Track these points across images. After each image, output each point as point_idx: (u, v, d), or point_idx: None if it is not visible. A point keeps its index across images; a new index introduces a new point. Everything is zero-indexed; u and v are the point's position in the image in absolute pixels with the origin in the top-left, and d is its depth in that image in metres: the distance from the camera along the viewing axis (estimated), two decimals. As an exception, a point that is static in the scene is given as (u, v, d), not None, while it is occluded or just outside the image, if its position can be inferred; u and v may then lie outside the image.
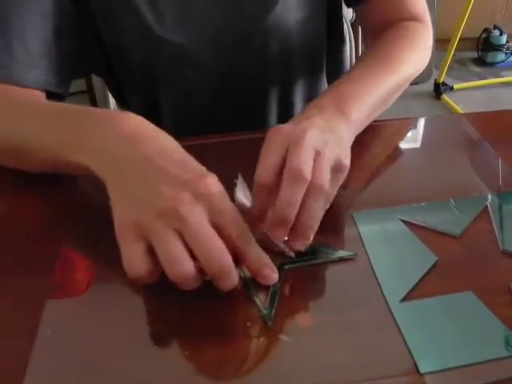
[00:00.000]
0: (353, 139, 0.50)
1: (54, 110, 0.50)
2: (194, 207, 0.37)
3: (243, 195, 0.46)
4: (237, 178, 0.51)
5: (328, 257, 0.44)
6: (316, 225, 0.41)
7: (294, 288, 0.41)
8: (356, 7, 0.72)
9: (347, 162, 0.44)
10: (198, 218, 0.37)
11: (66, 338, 0.38)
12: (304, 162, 0.41)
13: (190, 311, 0.39)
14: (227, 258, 0.37)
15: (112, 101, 1.59)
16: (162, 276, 0.37)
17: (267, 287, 0.41)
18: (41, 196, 0.52)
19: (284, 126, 0.44)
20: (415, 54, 0.62)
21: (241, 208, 0.42)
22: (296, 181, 0.40)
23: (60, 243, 0.46)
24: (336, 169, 0.43)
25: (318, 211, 0.41)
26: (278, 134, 0.43)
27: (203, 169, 0.40)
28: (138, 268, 0.37)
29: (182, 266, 0.36)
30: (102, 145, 0.42)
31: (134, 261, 0.37)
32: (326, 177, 0.41)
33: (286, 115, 0.73)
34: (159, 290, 0.38)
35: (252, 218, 0.42)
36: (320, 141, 0.43)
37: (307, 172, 0.40)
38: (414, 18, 0.66)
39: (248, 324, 0.39)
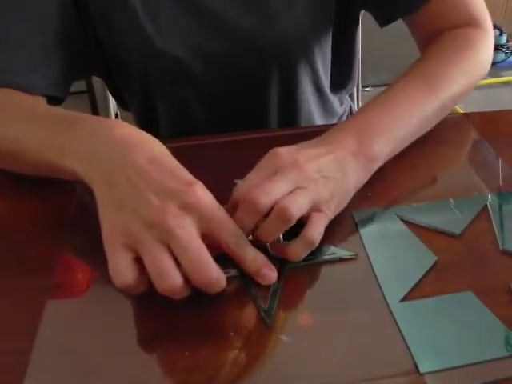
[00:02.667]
0: (368, 175, 0.48)
1: (49, 114, 0.50)
2: (183, 219, 0.37)
3: None
4: (236, 178, 0.51)
5: (328, 257, 0.44)
6: (267, 241, 0.42)
7: (294, 288, 0.41)
8: (402, 19, 0.64)
9: (330, 207, 0.43)
10: (186, 231, 0.37)
11: (66, 338, 0.38)
12: (267, 193, 0.40)
13: (191, 311, 0.39)
14: (214, 271, 0.37)
15: (112, 101, 1.60)
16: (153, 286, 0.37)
17: (267, 287, 0.41)
18: (40, 197, 0.52)
19: (284, 149, 0.44)
20: (466, 70, 0.56)
21: None
22: (248, 210, 0.40)
23: (60, 244, 0.46)
24: (315, 209, 0.42)
25: (271, 232, 0.41)
26: (272, 157, 0.44)
27: (191, 176, 0.40)
28: (125, 277, 0.37)
29: (171, 280, 0.36)
30: (89, 150, 0.42)
31: (122, 270, 0.37)
32: (295, 207, 0.40)
33: (286, 124, 0.73)
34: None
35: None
36: (304, 179, 0.42)
37: (263, 203, 0.40)
38: (471, 23, 0.60)
39: (248, 324, 0.39)
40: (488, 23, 0.62)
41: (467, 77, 0.57)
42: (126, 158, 0.40)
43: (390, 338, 0.37)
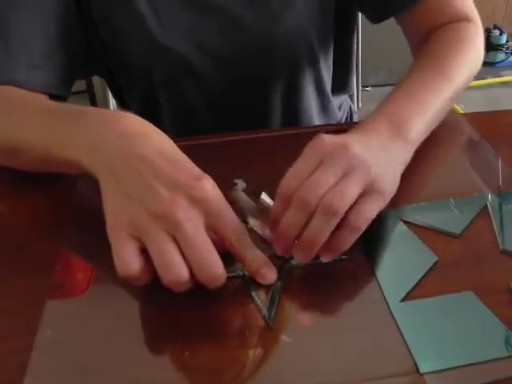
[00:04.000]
0: (409, 159, 0.48)
1: (52, 109, 0.50)
2: (191, 213, 0.37)
3: (269, 198, 0.45)
4: (236, 177, 0.51)
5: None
6: (318, 243, 0.40)
7: (294, 288, 0.41)
8: (395, 17, 0.66)
9: (383, 186, 0.42)
10: (194, 226, 0.37)
11: (66, 338, 0.38)
12: (316, 188, 0.39)
13: (191, 311, 0.39)
14: (219, 269, 0.37)
15: (112, 101, 1.60)
16: (157, 277, 0.37)
17: (267, 287, 0.41)
18: (40, 196, 0.52)
19: (328, 136, 0.43)
20: (467, 60, 0.58)
21: (263, 207, 0.43)
22: (299, 208, 0.40)
23: (60, 243, 0.46)
24: (367, 193, 0.41)
25: (321, 231, 0.39)
26: (317, 145, 0.42)
27: (199, 170, 0.40)
28: (131, 267, 0.37)
29: (177, 272, 0.37)
30: (96, 141, 0.42)
31: (127, 260, 0.37)
32: (341, 198, 0.39)
33: (287, 125, 0.73)
34: (159, 289, 0.38)
35: (270, 221, 0.43)
36: (354, 162, 0.41)
37: (312, 201, 0.39)
38: (462, 18, 0.62)
39: (248, 324, 0.39)
40: (477, 17, 0.64)
41: (470, 66, 0.59)
42: (133, 148, 0.40)
43: (390, 337, 0.37)
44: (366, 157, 0.41)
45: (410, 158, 0.48)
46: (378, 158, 0.42)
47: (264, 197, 0.45)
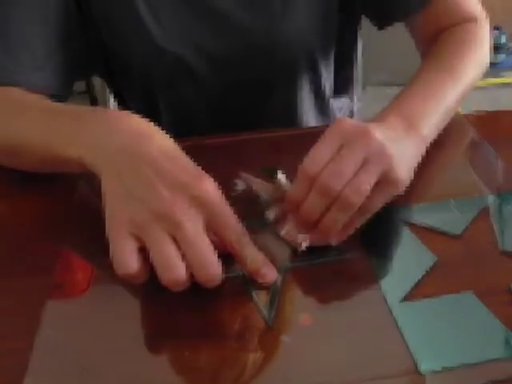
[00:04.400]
0: (421, 155, 0.48)
1: (54, 109, 0.50)
2: (191, 213, 0.37)
3: (285, 177, 0.46)
4: (236, 178, 0.51)
5: (328, 257, 0.44)
6: (333, 231, 0.42)
7: (294, 288, 0.41)
8: (402, 22, 0.67)
9: (399, 175, 0.42)
10: (194, 226, 0.37)
11: (66, 338, 0.38)
12: (339, 176, 0.40)
13: (191, 311, 0.39)
14: (217, 269, 0.38)
15: (112, 101, 1.60)
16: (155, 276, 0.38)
17: (267, 287, 0.41)
18: (40, 196, 0.52)
19: (349, 120, 0.43)
20: (474, 61, 0.59)
21: (280, 189, 0.44)
22: (322, 195, 0.40)
23: (60, 243, 0.46)
24: (383, 181, 0.42)
25: (337, 222, 0.41)
26: (338, 128, 0.43)
27: (200, 171, 0.40)
28: (129, 266, 0.37)
29: (176, 272, 0.37)
30: (98, 140, 0.42)
31: (125, 258, 0.37)
32: (359, 192, 0.40)
33: (287, 126, 0.73)
34: (159, 289, 0.38)
35: (287, 202, 0.43)
36: (374, 148, 0.41)
37: (336, 188, 0.40)
38: (469, 19, 0.63)
39: (248, 324, 0.39)
40: (483, 16, 0.64)
41: (477, 67, 0.59)
42: (136, 148, 0.40)
43: (390, 337, 0.37)
44: (385, 144, 0.42)
45: (422, 155, 0.48)
46: (394, 147, 0.43)
47: (280, 176, 0.45)
